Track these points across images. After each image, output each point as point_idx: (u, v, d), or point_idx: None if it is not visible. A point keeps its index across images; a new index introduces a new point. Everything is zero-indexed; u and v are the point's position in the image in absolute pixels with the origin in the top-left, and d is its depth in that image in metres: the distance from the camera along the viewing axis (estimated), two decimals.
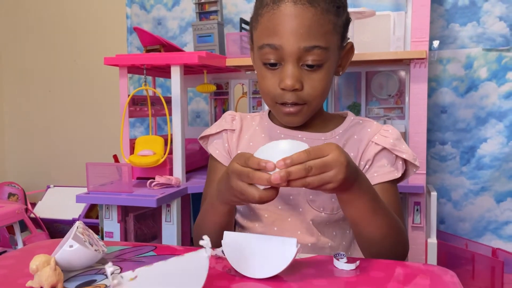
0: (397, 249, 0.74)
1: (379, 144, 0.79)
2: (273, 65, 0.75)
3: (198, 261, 0.51)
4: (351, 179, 0.63)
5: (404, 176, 0.82)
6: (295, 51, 0.71)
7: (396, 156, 0.79)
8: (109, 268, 0.48)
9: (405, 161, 0.80)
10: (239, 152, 0.85)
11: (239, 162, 0.61)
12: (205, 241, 0.52)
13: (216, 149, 0.89)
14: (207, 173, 0.92)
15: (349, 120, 0.84)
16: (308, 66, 0.73)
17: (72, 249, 0.59)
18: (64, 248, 0.59)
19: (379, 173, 0.78)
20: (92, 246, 0.62)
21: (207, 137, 0.92)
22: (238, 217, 0.88)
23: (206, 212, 0.80)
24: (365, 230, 0.71)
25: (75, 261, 0.60)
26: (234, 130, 0.88)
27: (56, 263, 0.58)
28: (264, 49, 0.74)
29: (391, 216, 0.72)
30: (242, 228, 0.86)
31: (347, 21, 0.79)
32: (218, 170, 0.86)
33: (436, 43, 1.75)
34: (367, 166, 0.79)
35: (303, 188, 0.62)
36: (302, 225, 0.80)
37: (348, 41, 0.81)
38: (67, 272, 0.62)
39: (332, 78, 0.78)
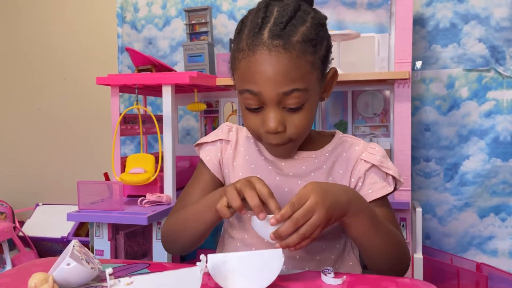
0: (400, 260, 0.77)
1: (368, 162, 0.82)
2: (255, 109, 0.75)
3: (192, 275, 0.54)
4: (339, 209, 0.67)
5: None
6: (274, 97, 0.72)
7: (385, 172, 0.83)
8: (108, 269, 0.51)
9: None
10: (235, 164, 0.87)
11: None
12: (201, 259, 0.54)
13: (208, 156, 0.90)
14: (193, 175, 0.92)
15: (337, 138, 0.87)
16: (289, 108, 0.74)
17: (70, 267, 0.61)
18: (62, 266, 0.61)
19: (374, 190, 0.81)
20: (88, 264, 0.64)
21: (201, 144, 0.93)
22: (228, 228, 0.89)
23: (190, 219, 0.82)
24: (369, 247, 0.74)
25: (72, 278, 0.62)
26: (229, 141, 0.89)
27: (54, 281, 0.59)
28: (244, 94, 0.74)
29: (391, 231, 0.75)
30: (232, 238, 0.88)
31: (327, 51, 0.78)
32: (203, 176, 0.89)
33: (418, 64, 1.82)
34: (360, 184, 0.82)
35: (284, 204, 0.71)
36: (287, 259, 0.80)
37: (331, 67, 0.81)
38: None
39: (315, 111, 0.79)
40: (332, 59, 0.82)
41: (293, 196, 0.67)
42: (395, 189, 0.84)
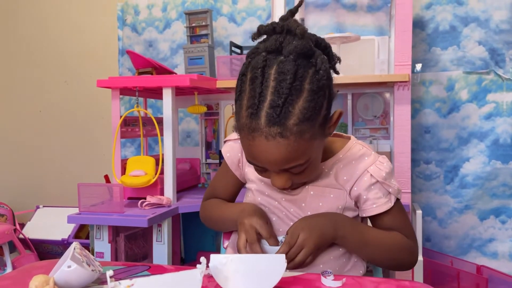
0: (401, 259, 0.87)
1: (374, 177, 0.85)
2: (262, 170, 0.80)
3: (192, 277, 0.54)
4: (326, 239, 0.80)
5: None
6: (277, 170, 0.76)
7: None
8: (109, 272, 0.51)
9: None
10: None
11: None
12: (202, 261, 0.55)
13: (228, 152, 0.96)
14: (220, 167, 1.02)
15: (350, 144, 0.89)
16: (294, 173, 0.77)
17: (70, 269, 0.61)
18: (63, 268, 0.61)
19: (378, 204, 0.85)
20: (89, 266, 0.64)
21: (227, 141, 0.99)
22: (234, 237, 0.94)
23: (218, 222, 0.97)
24: (363, 257, 0.86)
25: (73, 281, 0.62)
26: None
27: (55, 283, 0.60)
28: (250, 162, 0.78)
29: (387, 239, 0.84)
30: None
31: (329, 107, 0.77)
32: (226, 174, 0.98)
33: (418, 66, 1.83)
34: (364, 196, 0.85)
35: (294, 208, 0.86)
36: None
37: (336, 111, 0.80)
38: None
39: (320, 159, 0.81)
40: (338, 91, 0.80)
41: (303, 198, 0.84)
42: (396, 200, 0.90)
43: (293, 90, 0.70)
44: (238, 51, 1.83)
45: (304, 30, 0.73)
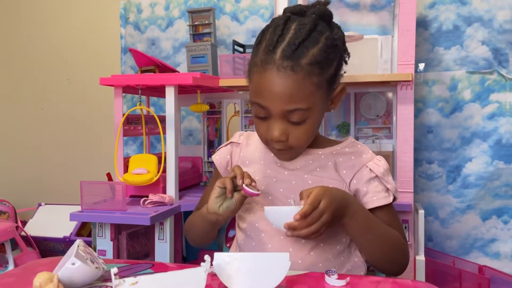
0: (396, 257, 0.87)
1: (372, 171, 0.88)
2: (263, 117, 0.83)
3: (196, 275, 0.54)
4: (340, 212, 0.78)
5: None
6: (279, 112, 0.79)
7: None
8: (113, 269, 0.51)
9: None
10: (247, 163, 0.93)
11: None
12: (206, 259, 0.55)
13: (217, 155, 0.99)
14: (209, 182, 1.05)
15: (349, 141, 0.93)
16: (293, 122, 0.80)
17: (74, 266, 0.61)
18: (67, 265, 0.61)
19: (378, 198, 0.88)
20: (93, 263, 0.64)
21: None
22: (239, 222, 0.94)
23: (196, 217, 0.93)
24: (364, 243, 0.85)
25: (77, 278, 0.62)
26: (239, 143, 0.97)
27: (59, 280, 0.60)
28: (254, 105, 0.82)
29: (385, 231, 0.85)
30: (243, 231, 0.92)
31: (337, 70, 0.82)
32: (214, 181, 0.96)
33: (421, 66, 1.82)
34: (364, 189, 0.88)
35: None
36: (294, 243, 0.85)
37: (340, 82, 0.85)
38: None
39: (319, 123, 0.85)
40: (345, 72, 0.86)
41: (302, 188, 0.79)
42: (393, 200, 0.91)
43: (311, 38, 0.77)
44: (241, 49, 1.83)
45: (328, 1, 0.83)
